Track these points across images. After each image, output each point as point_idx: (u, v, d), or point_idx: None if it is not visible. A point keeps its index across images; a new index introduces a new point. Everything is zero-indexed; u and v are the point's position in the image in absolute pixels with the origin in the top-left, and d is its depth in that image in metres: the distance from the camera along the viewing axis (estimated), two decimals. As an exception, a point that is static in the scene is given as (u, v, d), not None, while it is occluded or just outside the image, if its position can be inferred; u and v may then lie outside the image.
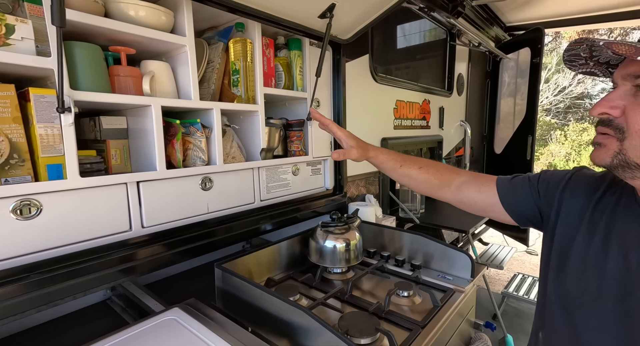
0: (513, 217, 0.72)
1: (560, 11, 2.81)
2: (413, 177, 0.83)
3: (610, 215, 0.56)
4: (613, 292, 0.52)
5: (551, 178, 0.67)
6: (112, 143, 0.89)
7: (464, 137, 2.86)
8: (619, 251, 0.53)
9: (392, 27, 2.06)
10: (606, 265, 0.53)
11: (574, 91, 10.04)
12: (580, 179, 0.64)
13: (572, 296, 0.56)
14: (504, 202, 0.71)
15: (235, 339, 0.69)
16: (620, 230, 0.54)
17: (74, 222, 0.74)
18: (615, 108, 0.49)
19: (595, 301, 0.53)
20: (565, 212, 0.62)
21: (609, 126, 0.50)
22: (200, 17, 1.00)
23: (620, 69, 0.50)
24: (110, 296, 1.02)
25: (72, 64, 0.73)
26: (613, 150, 0.49)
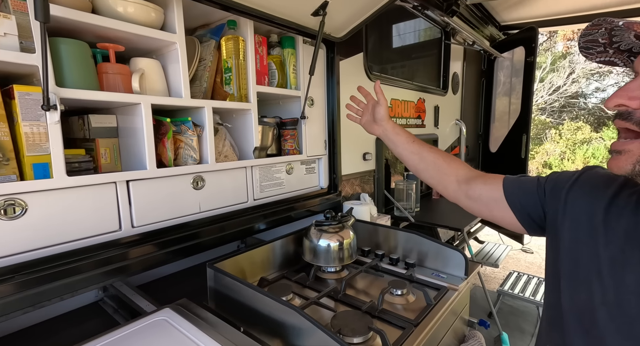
0: (516, 214, 0.66)
1: (553, 10, 2.83)
2: (423, 156, 0.81)
3: (628, 220, 0.50)
4: (632, 307, 0.46)
5: (559, 177, 0.63)
6: (102, 142, 0.88)
7: (459, 136, 2.87)
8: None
9: (386, 26, 2.06)
10: (625, 276, 0.48)
11: (568, 90, 10.11)
12: (591, 179, 0.59)
13: (588, 310, 0.51)
14: (508, 197, 0.67)
15: (226, 339, 0.68)
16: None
17: (62, 222, 0.72)
18: (634, 99, 0.43)
19: (612, 316, 0.48)
20: (572, 213, 0.57)
21: (628, 119, 0.44)
22: (192, 14, 0.99)
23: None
24: (102, 297, 1.01)
25: (58, 60, 0.71)
26: (636, 155, 0.43)
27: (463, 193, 0.75)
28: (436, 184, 0.81)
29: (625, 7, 2.57)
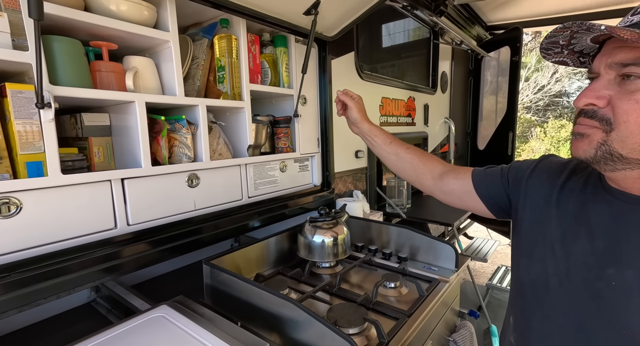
0: (485, 203, 0.73)
1: (536, 11, 2.91)
2: (400, 156, 0.85)
3: (576, 200, 0.57)
4: (579, 276, 0.53)
5: (520, 166, 0.69)
6: (95, 140, 0.87)
7: (448, 134, 2.93)
8: (586, 235, 0.53)
9: (377, 26, 2.08)
10: (573, 250, 0.54)
11: (552, 89, 10.39)
12: (546, 166, 0.65)
13: (541, 281, 0.57)
14: (477, 188, 0.74)
15: (225, 333, 0.69)
16: (587, 215, 0.54)
17: (57, 220, 0.72)
18: (602, 98, 0.46)
19: (562, 285, 0.54)
20: (531, 198, 0.63)
21: (593, 117, 0.47)
22: (184, 12, 0.99)
23: (603, 58, 0.47)
24: (95, 297, 1.00)
25: (51, 58, 0.71)
26: (597, 141, 0.47)
27: (438, 188, 0.81)
28: (414, 182, 0.87)
29: (603, 9, 2.67)
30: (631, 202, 0.50)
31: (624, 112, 0.45)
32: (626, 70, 0.44)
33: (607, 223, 0.52)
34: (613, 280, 0.49)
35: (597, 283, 0.51)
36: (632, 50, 0.44)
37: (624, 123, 0.45)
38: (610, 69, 0.46)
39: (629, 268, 0.48)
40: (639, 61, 0.43)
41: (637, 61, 0.43)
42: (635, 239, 0.49)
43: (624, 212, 0.51)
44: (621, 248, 0.50)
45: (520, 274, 0.62)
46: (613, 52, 0.46)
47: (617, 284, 0.49)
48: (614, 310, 0.49)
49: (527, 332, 0.60)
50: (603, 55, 0.48)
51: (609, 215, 0.52)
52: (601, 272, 0.51)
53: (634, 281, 0.47)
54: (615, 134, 0.46)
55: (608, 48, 0.47)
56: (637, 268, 0.48)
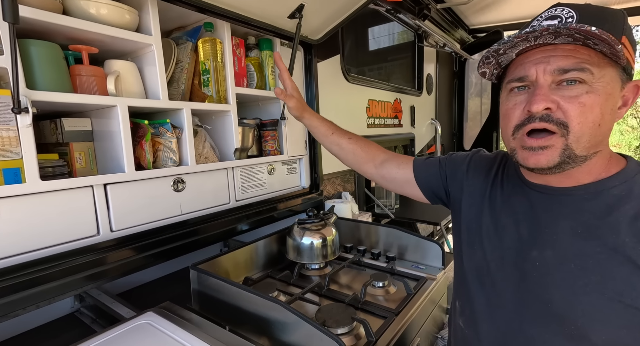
0: (424, 194, 0.79)
1: (516, 15, 3.01)
2: (342, 146, 0.88)
3: (502, 194, 0.63)
4: (511, 260, 0.58)
5: (455, 160, 0.75)
6: (76, 146, 0.86)
7: (434, 135, 2.98)
8: (513, 223, 0.59)
9: (362, 29, 2.11)
10: (504, 237, 0.60)
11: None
12: (479, 161, 0.71)
13: (481, 267, 0.63)
14: (417, 179, 0.78)
15: (212, 338, 0.68)
16: (512, 207, 0.61)
17: (36, 227, 0.70)
18: (553, 102, 0.49)
19: (498, 270, 0.60)
20: (468, 192, 0.69)
21: (548, 121, 0.50)
22: (168, 16, 0.99)
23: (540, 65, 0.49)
24: (79, 307, 0.98)
25: (29, 63, 0.70)
26: (560, 147, 0.50)
27: (380, 176, 0.85)
28: (357, 169, 0.90)
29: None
30: (545, 192, 0.57)
31: (577, 115, 0.48)
32: (568, 75, 0.48)
33: (528, 212, 0.58)
34: (537, 261, 0.55)
35: (524, 265, 0.57)
36: (567, 58, 0.48)
37: (578, 125, 0.49)
38: (548, 75, 0.49)
39: (548, 249, 0.54)
40: (578, 67, 0.47)
41: (577, 66, 0.47)
42: (551, 224, 0.55)
43: (541, 201, 0.57)
44: (541, 233, 0.56)
45: (464, 261, 0.67)
46: (549, 60, 0.49)
47: (540, 264, 0.55)
48: (539, 286, 0.55)
49: (474, 315, 0.64)
50: (536, 63, 0.50)
51: (528, 205, 0.59)
52: (527, 255, 0.57)
53: (552, 259, 0.54)
54: (572, 136, 0.49)
55: (537, 57, 0.50)
56: (554, 249, 0.54)
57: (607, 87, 0.48)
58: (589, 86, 0.48)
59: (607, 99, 0.49)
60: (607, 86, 0.48)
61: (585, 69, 0.47)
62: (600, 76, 0.48)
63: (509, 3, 2.77)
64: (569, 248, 0.53)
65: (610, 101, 0.49)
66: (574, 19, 0.48)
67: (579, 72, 0.47)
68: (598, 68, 0.48)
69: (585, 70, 0.47)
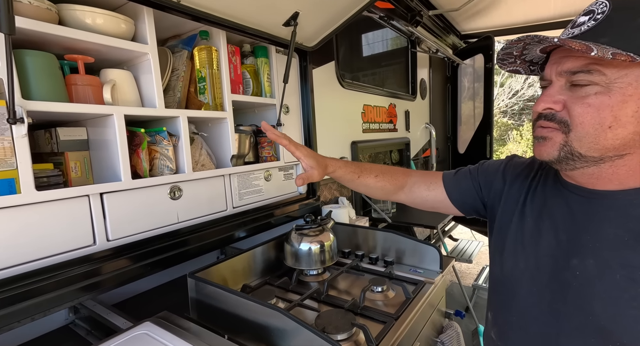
0: (460, 209, 0.77)
1: (506, 21, 3.08)
2: (370, 186, 0.86)
3: (539, 198, 0.61)
4: (547, 268, 0.56)
5: (488, 169, 0.74)
6: (71, 155, 0.85)
7: (429, 139, 3.01)
8: (550, 228, 0.57)
9: (357, 36, 2.14)
10: (540, 243, 0.58)
11: (525, 94, 10.86)
12: (514, 167, 0.70)
13: (514, 276, 0.60)
14: (451, 197, 0.77)
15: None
16: (549, 209, 0.59)
17: (32, 238, 0.69)
18: (558, 103, 0.50)
19: (534, 278, 0.57)
20: (504, 200, 0.67)
21: (552, 120, 0.51)
22: (163, 25, 0.99)
23: (553, 66, 0.51)
24: (74, 319, 0.96)
25: (24, 73, 0.69)
26: (559, 142, 0.51)
27: (410, 201, 0.85)
28: (389, 199, 0.90)
29: (564, 19, 2.87)
30: (585, 195, 0.55)
31: (579, 115, 0.48)
32: (575, 77, 0.48)
33: (567, 216, 0.56)
34: (577, 270, 0.52)
35: (563, 274, 0.54)
36: (578, 59, 0.48)
37: (580, 124, 0.49)
38: (560, 76, 0.50)
39: (589, 258, 0.52)
40: (585, 69, 0.47)
41: (584, 68, 0.47)
42: (592, 230, 0.52)
43: (581, 205, 0.55)
44: (581, 239, 0.53)
45: (495, 270, 0.65)
46: (561, 61, 0.50)
47: (580, 273, 0.52)
48: (580, 297, 0.52)
49: (506, 326, 0.62)
50: (553, 64, 0.51)
51: (567, 209, 0.56)
52: (566, 263, 0.54)
53: (594, 269, 0.51)
54: (573, 135, 0.50)
55: (556, 57, 0.51)
56: (596, 257, 0.51)
57: (627, 89, 0.45)
58: (601, 87, 0.47)
59: (626, 100, 0.46)
60: (629, 87, 0.45)
61: (594, 70, 0.46)
62: (617, 77, 0.45)
63: (498, 10, 2.83)
64: (614, 257, 0.49)
65: (632, 103, 0.46)
66: (605, 11, 0.46)
67: (586, 74, 0.47)
68: (615, 69, 0.45)
69: (593, 72, 0.46)
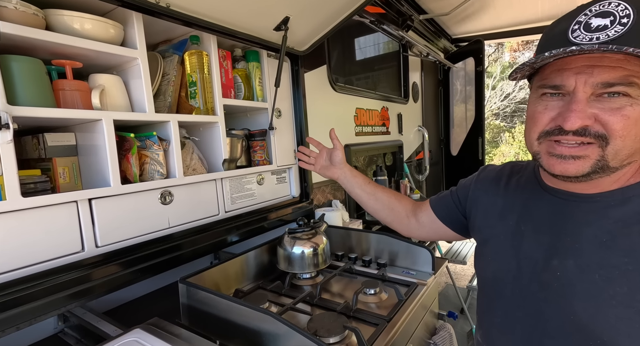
0: (448, 226, 0.78)
1: (495, 24, 3.14)
2: (378, 196, 0.89)
3: (518, 201, 0.61)
4: (528, 269, 0.56)
5: (464, 183, 0.75)
6: (59, 161, 0.84)
7: (422, 142, 3.03)
8: (532, 231, 0.57)
9: (349, 40, 2.16)
10: (522, 245, 0.57)
11: (517, 97, 11.03)
12: (486, 175, 0.71)
13: (497, 278, 0.60)
14: (437, 214, 0.79)
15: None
16: (530, 212, 0.58)
17: (18, 245, 0.68)
18: (590, 117, 0.46)
19: (515, 280, 0.57)
20: (479, 207, 0.68)
21: (585, 135, 0.47)
22: (154, 30, 0.99)
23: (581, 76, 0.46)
24: (63, 328, 0.94)
25: (9, 78, 0.69)
26: (594, 159, 0.47)
27: (413, 225, 0.85)
28: (391, 222, 0.90)
29: (553, 20, 2.92)
30: (565, 198, 0.55)
31: (621, 129, 0.45)
32: (613, 89, 0.44)
33: (548, 219, 0.56)
34: (557, 271, 0.52)
35: (544, 275, 0.54)
36: (614, 69, 0.44)
37: (620, 138, 0.46)
38: (589, 87, 0.45)
39: (569, 258, 0.52)
40: (626, 81, 0.43)
41: (624, 80, 0.44)
42: (572, 231, 0.52)
43: (561, 207, 0.55)
44: (561, 241, 0.53)
45: (481, 274, 0.66)
46: (593, 72, 0.45)
47: (561, 274, 0.52)
48: (561, 298, 0.52)
49: (491, 329, 0.62)
50: (577, 73, 0.46)
51: (548, 212, 0.56)
52: (547, 264, 0.54)
53: (574, 269, 0.51)
54: (610, 148, 0.46)
55: (578, 66, 0.46)
56: (576, 258, 0.51)
57: None
58: (633, 99, 0.44)
59: None
60: None
61: (634, 83, 0.43)
62: None
63: (487, 14, 2.89)
64: (593, 257, 0.50)
65: None
66: (631, 19, 0.42)
67: (626, 87, 0.44)
68: None
69: (633, 85, 0.43)
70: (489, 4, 2.70)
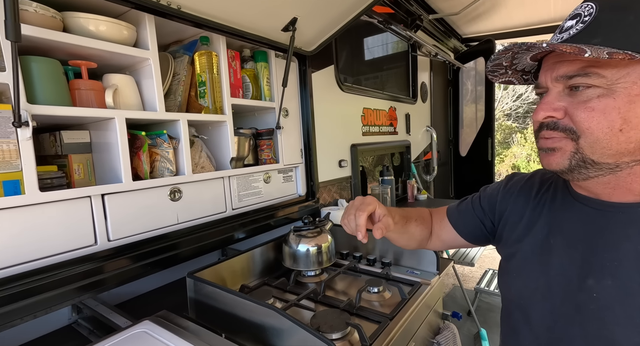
0: (470, 240, 0.72)
1: (506, 24, 3.09)
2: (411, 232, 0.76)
3: (548, 212, 0.57)
4: (561, 288, 0.51)
5: (489, 192, 0.70)
6: (75, 158, 0.88)
7: (430, 142, 3.01)
8: (562, 245, 0.52)
9: (356, 40, 2.16)
10: (551, 261, 0.53)
11: (529, 97, 10.83)
12: (514, 185, 0.66)
13: (523, 297, 0.56)
14: (458, 231, 0.73)
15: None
16: (560, 224, 0.54)
17: (35, 238, 0.71)
18: (558, 110, 0.47)
19: (545, 299, 0.52)
20: (509, 219, 0.63)
21: (555, 129, 0.48)
22: (165, 31, 1.02)
23: (547, 72, 0.48)
24: (76, 319, 0.98)
25: (29, 78, 0.72)
26: (570, 151, 0.47)
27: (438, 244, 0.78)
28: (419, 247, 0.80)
29: (567, 21, 2.86)
30: (600, 208, 0.50)
31: (584, 120, 0.45)
32: (572, 81, 0.45)
33: (580, 232, 0.51)
34: (594, 291, 0.47)
35: (579, 296, 0.49)
36: (572, 63, 0.45)
37: (587, 130, 0.45)
38: (557, 82, 0.47)
39: (607, 278, 0.47)
40: (582, 72, 0.44)
41: (580, 72, 0.44)
42: (609, 247, 0.48)
43: (595, 219, 0.50)
44: (597, 257, 0.48)
45: (505, 292, 0.61)
46: (555, 67, 0.47)
47: (598, 295, 0.47)
48: (598, 323, 0.47)
49: None
50: (546, 70, 0.49)
51: (580, 224, 0.52)
52: (582, 283, 0.49)
53: (614, 291, 0.46)
54: (583, 141, 0.46)
55: (549, 63, 0.49)
56: (615, 278, 0.46)
57: (632, 88, 0.42)
58: (603, 89, 0.44)
59: (633, 100, 0.43)
60: (633, 86, 0.42)
61: (591, 73, 0.43)
62: (618, 77, 0.43)
63: (499, 13, 2.85)
64: (634, 277, 0.45)
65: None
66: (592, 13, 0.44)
67: (584, 77, 0.44)
68: (615, 69, 0.42)
69: (590, 75, 0.44)
70: (499, 4, 2.66)
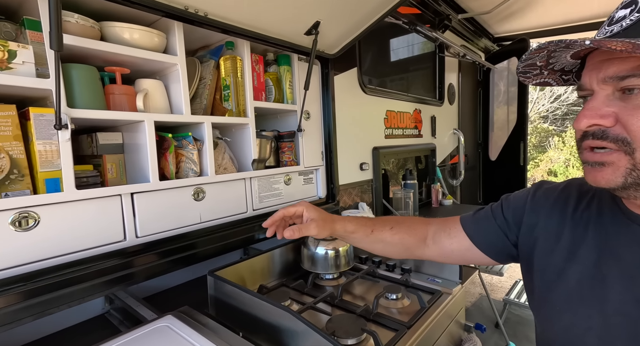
0: (490, 255, 0.64)
1: (543, 22, 2.92)
2: (387, 240, 0.72)
3: (594, 234, 0.48)
4: (623, 331, 0.43)
5: (514, 202, 0.61)
6: (108, 158, 0.93)
7: (457, 145, 2.91)
8: (620, 277, 0.44)
9: (381, 41, 2.14)
10: (607, 296, 0.45)
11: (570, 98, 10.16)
12: (546, 196, 0.57)
13: (574, 335, 0.47)
14: (474, 241, 0.64)
15: (226, 344, 0.70)
16: (613, 250, 0.46)
17: (71, 232, 0.77)
18: (606, 117, 0.41)
19: (603, 342, 0.45)
20: (541, 237, 0.55)
21: (604, 138, 0.41)
22: (192, 37, 1.07)
23: (593, 73, 0.42)
24: (109, 309, 1.04)
25: (70, 84, 0.78)
26: (624, 167, 0.40)
27: (439, 254, 0.71)
28: (410, 256, 0.75)
29: (612, 16, 2.65)
30: None
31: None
32: (625, 83, 0.39)
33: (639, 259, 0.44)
34: None
35: None
36: (624, 61, 0.39)
37: None
38: (604, 84, 0.41)
39: None
40: (638, 72, 0.38)
41: (635, 71, 0.38)
42: None
43: None
44: None
45: (545, 329, 0.53)
46: (603, 66, 0.41)
47: None
48: None
49: None
50: (591, 70, 0.42)
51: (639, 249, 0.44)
52: None
53: None
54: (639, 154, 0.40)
55: (594, 62, 0.42)
56: None
57: None
58: None
59: None
60: None
61: None
62: None
63: (534, 11, 2.70)
64: None
65: None
66: None
67: (637, 78, 0.38)
68: None
69: None
70: (535, 0, 2.52)
